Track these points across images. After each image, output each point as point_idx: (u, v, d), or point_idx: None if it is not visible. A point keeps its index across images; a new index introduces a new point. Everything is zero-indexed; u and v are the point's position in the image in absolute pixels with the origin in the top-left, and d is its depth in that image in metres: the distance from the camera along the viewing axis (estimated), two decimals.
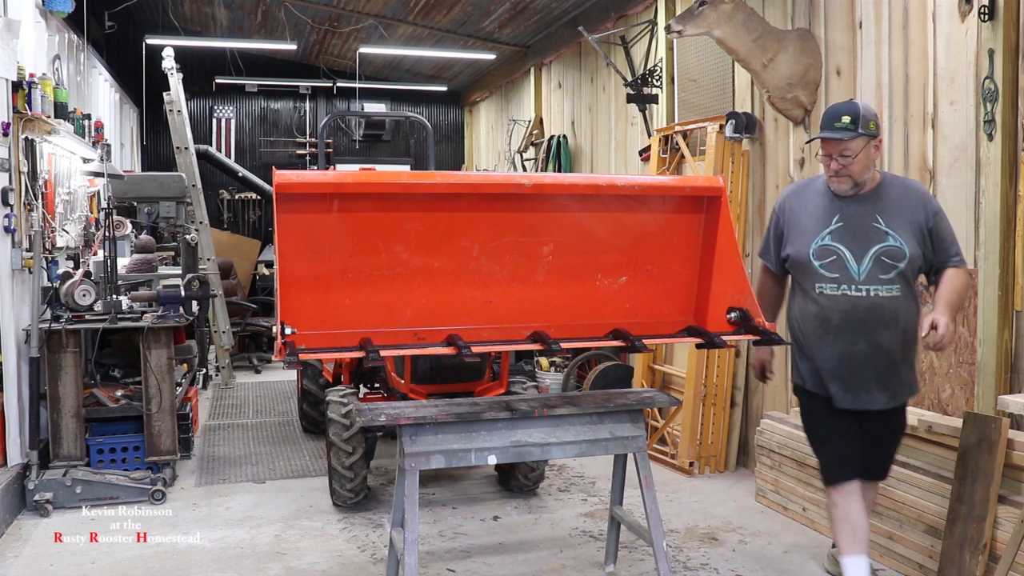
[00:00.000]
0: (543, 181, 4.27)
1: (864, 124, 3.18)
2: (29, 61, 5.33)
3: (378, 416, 3.32)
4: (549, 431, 3.51)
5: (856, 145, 3.20)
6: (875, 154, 3.26)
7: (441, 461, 3.35)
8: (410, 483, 3.29)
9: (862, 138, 3.19)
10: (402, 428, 3.31)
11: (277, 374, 9.37)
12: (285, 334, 3.25)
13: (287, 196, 3.41)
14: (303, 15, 9.59)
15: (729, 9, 4.80)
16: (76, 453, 5.13)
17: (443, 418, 3.35)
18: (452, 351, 3.48)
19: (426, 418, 3.32)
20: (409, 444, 3.30)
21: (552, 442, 3.51)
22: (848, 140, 3.19)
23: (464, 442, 3.37)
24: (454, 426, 3.37)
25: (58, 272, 5.56)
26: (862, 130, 3.18)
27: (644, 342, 3.64)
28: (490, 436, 3.40)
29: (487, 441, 3.39)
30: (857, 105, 3.25)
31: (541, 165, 9.30)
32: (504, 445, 3.42)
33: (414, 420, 3.30)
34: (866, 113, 3.21)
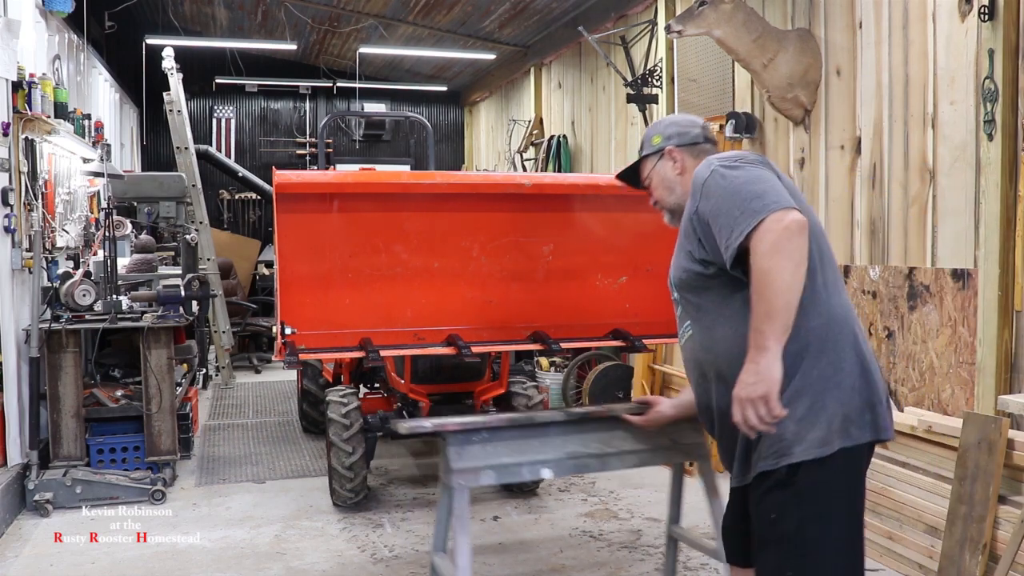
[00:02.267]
0: (543, 181, 4.28)
1: (647, 143, 2.57)
2: (29, 61, 5.33)
3: (422, 425, 2.93)
4: (606, 439, 3.06)
5: (644, 170, 2.59)
6: (673, 167, 2.50)
7: (492, 477, 2.91)
8: (459, 503, 2.83)
9: (647, 160, 2.57)
10: (447, 439, 2.87)
11: (277, 374, 9.37)
12: (285, 334, 3.26)
13: (287, 196, 3.42)
14: (303, 15, 9.59)
15: (729, 9, 4.80)
16: (76, 453, 5.13)
17: (496, 424, 2.94)
18: (452, 351, 3.49)
19: (476, 424, 2.92)
20: (456, 458, 2.84)
21: (610, 452, 3.06)
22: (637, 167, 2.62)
23: (516, 454, 2.92)
24: (505, 437, 2.93)
25: (58, 272, 5.56)
26: (644, 152, 2.58)
27: (644, 342, 3.65)
28: (543, 447, 2.96)
29: (540, 452, 2.95)
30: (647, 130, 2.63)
31: (541, 165, 9.29)
32: (559, 457, 2.97)
33: (462, 427, 2.89)
34: (649, 131, 2.61)
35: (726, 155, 2.33)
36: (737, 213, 2.11)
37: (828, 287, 2.20)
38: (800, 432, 2.10)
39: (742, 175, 2.18)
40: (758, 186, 2.13)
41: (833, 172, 4.88)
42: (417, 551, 4.32)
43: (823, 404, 2.12)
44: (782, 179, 2.23)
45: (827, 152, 4.91)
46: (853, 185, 4.71)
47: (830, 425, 2.11)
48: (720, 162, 2.26)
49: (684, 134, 2.52)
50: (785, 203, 2.08)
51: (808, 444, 2.10)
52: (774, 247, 2.02)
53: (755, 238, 2.05)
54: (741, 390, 2.05)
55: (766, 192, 2.11)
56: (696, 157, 2.48)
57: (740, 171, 2.19)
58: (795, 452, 2.10)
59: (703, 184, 2.26)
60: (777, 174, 2.24)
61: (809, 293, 2.11)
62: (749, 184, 2.14)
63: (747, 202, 2.10)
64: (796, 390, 2.11)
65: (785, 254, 2.01)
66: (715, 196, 2.19)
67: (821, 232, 2.28)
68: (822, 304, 2.17)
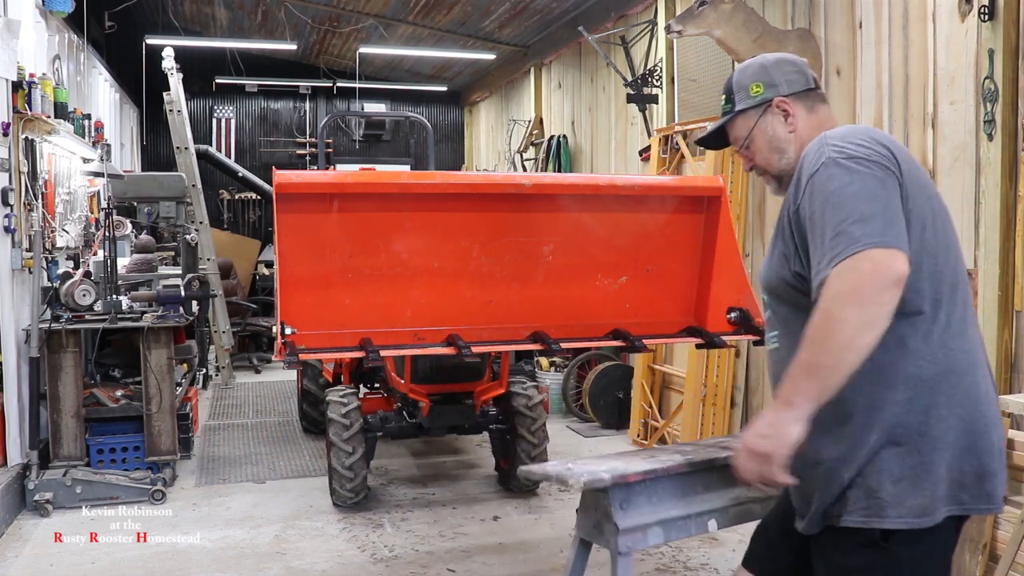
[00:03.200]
0: (543, 181, 4.28)
1: (741, 93, 2.09)
2: (29, 61, 5.33)
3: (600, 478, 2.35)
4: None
5: (740, 129, 2.11)
6: (786, 123, 2.05)
7: (659, 536, 2.47)
8: (625, 570, 2.39)
9: (744, 115, 2.09)
10: (609, 492, 2.37)
11: (277, 374, 9.36)
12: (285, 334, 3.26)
13: (287, 196, 3.42)
14: (303, 15, 9.58)
15: (729, 9, 4.80)
16: (76, 453, 5.12)
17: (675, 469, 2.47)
18: (452, 351, 3.48)
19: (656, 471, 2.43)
20: (621, 516, 2.36)
21: (774, 495, 2.49)
22: (727, 126, 2.14)
23: (684, 506, 2.50)
24: (669, 485, 2.50)
25: (58, 272, 5.56)
26: (740, 105, 2.09)
27: (644, 342, 3.65)
28: (708, 495, 2.56)
29: (706, 502, 2.55)
30: (731, 75, 2.15)
31: (541, 165, 9.29)
32: (725, 505, 2.58)
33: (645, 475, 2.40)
34: (740, 77, 2.11)
35: (846, 137, 1.84)
36: (831, 234, 1.72)
37: (952, 327, 1.81)
38: (899, 495, 1.77)
39: (855, 183, 1.75)
40: (868, 206, 1.72)
41: None
42: (417, 551, 4.32)
43: (929, 466, 1.77)
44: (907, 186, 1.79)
45: None
46: None
47: (935, 491, 1.77)
48: (837, 151, 1.80)
49: (793, 80, 2.04)
50: (891, 240, 1.68)
51: (906, 511, 1.77)
52: (850, 294, 1.66)
53: (835, 272, 1.68)
54: (749, 438, 1.79)
55: (874, 216, 1.70)
56: (810, 110, 2.04)
57: (855, 175, 1.76)
58: (889, 516, 1.77)
59: (811, 176, 1.81)
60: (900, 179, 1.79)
61: (923, 334, 1.79)
62: (859, 199, 1.73)
63: (847, 222, 1.70)
64: (899, 446, 1.78)
65: (860, 306, 1.65)
66: (819, 198, 1.78)
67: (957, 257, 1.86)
68: (937, 349, 1.80)
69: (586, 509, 2.45)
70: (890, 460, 1.78)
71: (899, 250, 1.68)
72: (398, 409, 5.21)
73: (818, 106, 2.06)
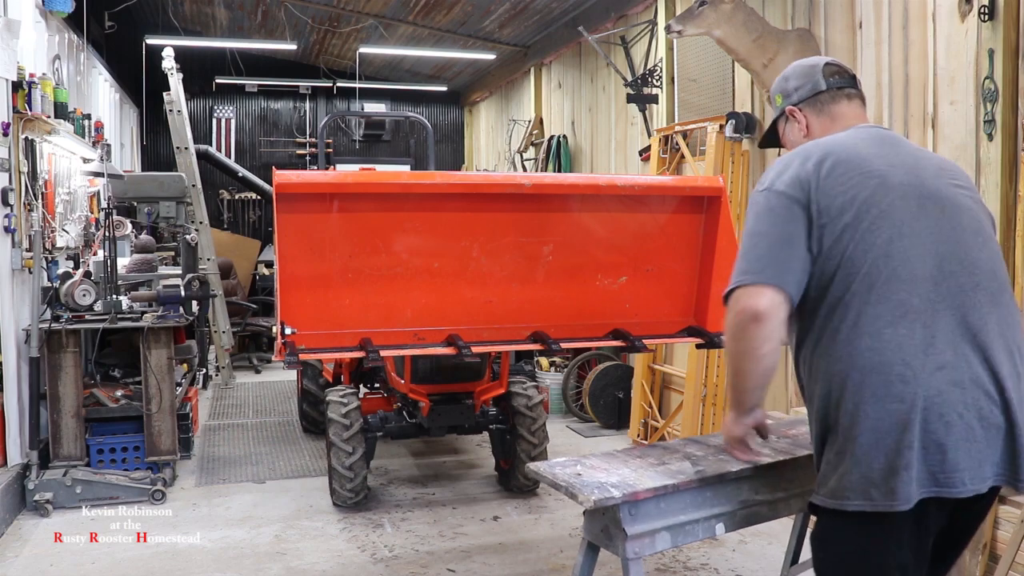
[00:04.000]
0: (543, 181, 4.28)
1: (773, 103, 2.41)
2: (29, 61, 5.33)
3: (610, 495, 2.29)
4: (774, 482, 2.60)
5: (779, 132, 2.42)
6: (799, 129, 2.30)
7: (667, 541, 2.46)
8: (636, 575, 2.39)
9: (777, 122, 2.41)
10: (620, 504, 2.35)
11: (277, 374, 9.36)
12: (285, 334, 3.26)
13: (287, 196, 3.42)
14: (303, 15, 9.59)
15: (729, 9, 4.80)
16: (76, 453, 5.13)
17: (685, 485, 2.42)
18: (452, 351, 3.48)
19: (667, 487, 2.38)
20: (629, 522, 2.36)
21: (780, 496, 2.61)
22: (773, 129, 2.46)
23: (692, 510, 2.47)
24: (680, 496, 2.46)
25: (58, 272, 5.56)
26: (774, 114, 2.41)
27: (644, 342, 3.65)
28: (717, 498, 2.51)
29: (715, 506, 2.51)
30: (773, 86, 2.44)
31: (541, 165, 9.29)
32: (732, 509, 2.54)
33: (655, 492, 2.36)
34: (773, 89, 2.41)
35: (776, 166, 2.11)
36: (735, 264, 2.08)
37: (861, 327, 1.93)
38: (825, 475, 2.01)
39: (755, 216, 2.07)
40: (750, 243, 2.05)
41: None
42: (417, 551, 4.32)
43: (843, 456, 1.95)
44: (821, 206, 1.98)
45: None
46: None
47: (842, 479, 1.94)
48: (761, 183, 2.11)
49: (802, 87, 2.27)
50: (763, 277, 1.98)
51: (826, 490, 1.99)
52: (730, 334, 2.06)
53: (727, 306, 2.05)
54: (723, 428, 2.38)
55: (751, 252, 2.03)
56: (820, 113, 2.25)
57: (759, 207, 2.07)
58: (819, 492, 2.02)
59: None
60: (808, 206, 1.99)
61: (829, 334, 1.97)
62: (749, 235, 2.07)
63: (741, 256, 2.07)
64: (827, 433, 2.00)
65: (733, 342, 2.05)
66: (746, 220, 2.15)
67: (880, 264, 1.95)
68: (843, 347, 1.94)
69: (593, 514, 2.43)
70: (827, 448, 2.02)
71: (766, 286, 1.97)
72: (398, 409, 5.21)
73: (829, 107, 2.24)
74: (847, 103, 2.23)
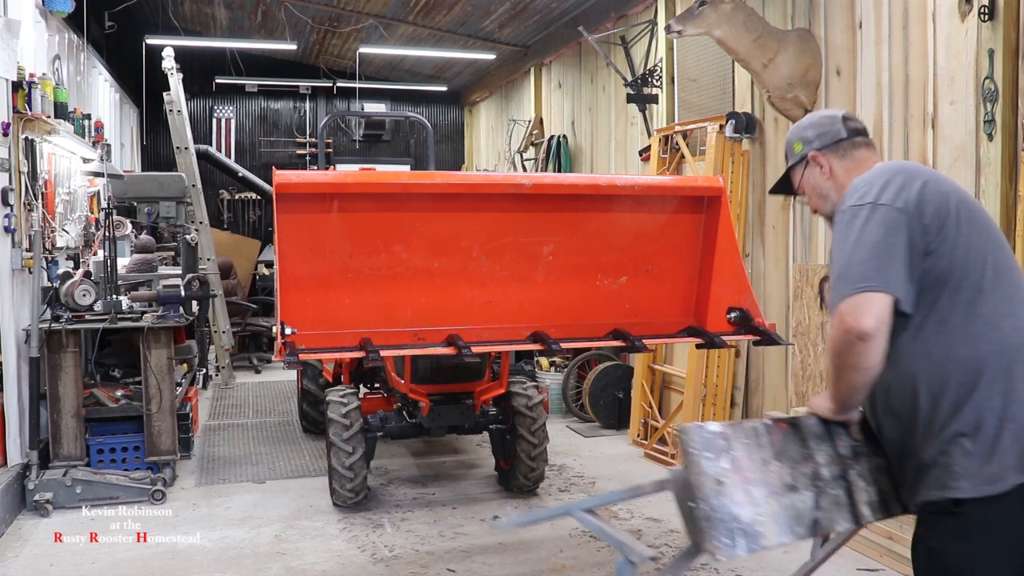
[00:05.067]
0: (543, 181, 4.28)
1: (790, 152, 2.50)
2: (29, 61, 5.33)
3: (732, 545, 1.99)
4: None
5: (794, 180, 2.51)
6: (820, 173, 2.39)
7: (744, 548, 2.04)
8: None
9: (794, 170, 2.49)
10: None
11: (277, 374, 9.37)
12: (285, 334, 3.26)
13: (287, 196, 3.42)
14: (303, 15, 9.58)
15: (729, 9, 4.80)
16: (76, 453, 5.12)
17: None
18: (452, 351, 3.48)
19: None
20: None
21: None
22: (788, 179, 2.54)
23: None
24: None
25: (58, 272, 5.56)
26: (790, 162, 2.50)
27: (644, 342, 3.64)
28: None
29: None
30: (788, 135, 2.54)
31: (541, 165, 9.29)
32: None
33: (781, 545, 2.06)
34: (790, 137, 2.50)
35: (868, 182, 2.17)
36: (836, 275, 2.11)
37: (998, 311, 2.06)
38: (969, 466, 2.00)
39: (859, 229, 2.10)
40: (862, 252, 2.06)
41: None
42: (417, 551, 4.32)
43: (996, 438, 1.99)
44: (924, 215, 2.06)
45: None
46: None
47: (1004, 461, 1.98)
48: (856, 199, 2.16)
49: (824, 134, 2.40)
50: (873, 283, 2.01)
51: (977, 480, 1.98)
52: (835, 348, 2.08)
53: (833, 318, 2.09)
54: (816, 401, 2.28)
55: (867, 260, 2.04)
56: (843, 157, 2.37)
57: (861, 220, 2.10)
58: (962, 487, 2.00)
59: (834, 224, 2.22)
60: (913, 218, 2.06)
61: (970, 320, 2.05)
62: (857, 245, 2.08)
63: (846, 266, 2.08)
64: (966, 422, 2.02)
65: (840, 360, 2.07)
66: (835, 243, 2.17)
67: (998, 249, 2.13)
68: (986, 331, 2.05)
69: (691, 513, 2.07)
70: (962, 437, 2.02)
71: (880, 292, 2.01)
72: (398, 409, 5.21)
73: (851, 152, 2.37)
74: (865, 150, 2.38)
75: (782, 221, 5.38)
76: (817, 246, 5.03)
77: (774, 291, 5.47)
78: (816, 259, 5.02)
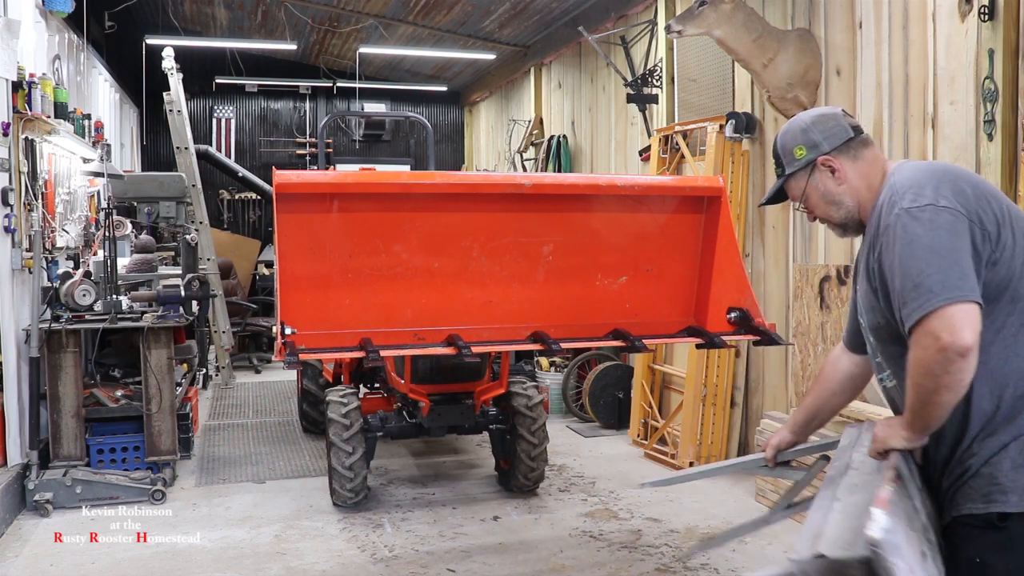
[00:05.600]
0: (543, 181, 4.28)
1: (788, 158, 2.27)
2: (29, 61, 5.33)
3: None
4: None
5: (794, 189, 2.29)
6: (831, 178, 2.21)
7: None
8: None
9: (795, 177, 2.27)
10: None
11: (277, 374, 9.37)
12: (285, 334, 3.26)
13: (287, 196, 3.42)
14: (303, 15, 9.58)
15: (729, 9, 4.80)
16: (76, 453, 5.12)
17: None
18: (452, 351, 3.48)
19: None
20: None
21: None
22: (783, 189, 2.34)
23: None
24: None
25: (58, 272, 5.56)
26: (788, 169, 2.27)
27: (644, 342, 3.64)
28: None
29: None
30: (776, 140, 2.33)
31: (541, 165, 9.29)
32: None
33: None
34: (784, 142, 2.28)
35: (916, 185, 2.00)
36: (911, 285, 1.91)
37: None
38: (1018, 479, 1.92)
39: (926, 233, 1.93)
40: (938, 260, 1.89)
41: None
42: (417, 551, 4.32)
43: None
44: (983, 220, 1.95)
45: None
46: None
47: None
48: (910, 200, 1.98)
49: (831, 136, 2.20)
50: (961, 292, 1.86)
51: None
52: (934, 367, 1.88)
53: (917, 333, 1.90)
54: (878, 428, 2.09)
55: (946, 269, 1.88)
56: (855, 159, 2.19)
57: (925, 224, 1.93)
58: (1010, 500, 1.91)
59: (884, 229, 2.01)
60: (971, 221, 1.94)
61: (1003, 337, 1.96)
62: (930, 251, 1.91)
63: (923, 275, 1.89)
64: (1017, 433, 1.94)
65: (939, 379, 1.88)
66: (896, 249, 1.96)
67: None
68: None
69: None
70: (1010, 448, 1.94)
71: (970, 303, 1.85)
72: (398, 409, 5.21)
73: (862, 152, 2.20)
74: (872, 149, 2.22)
75: (782, 221, 5.38)
76: (817, 246, 5.03)
77: (774, 291, 5.47)
78: (816, 259, 5.02)
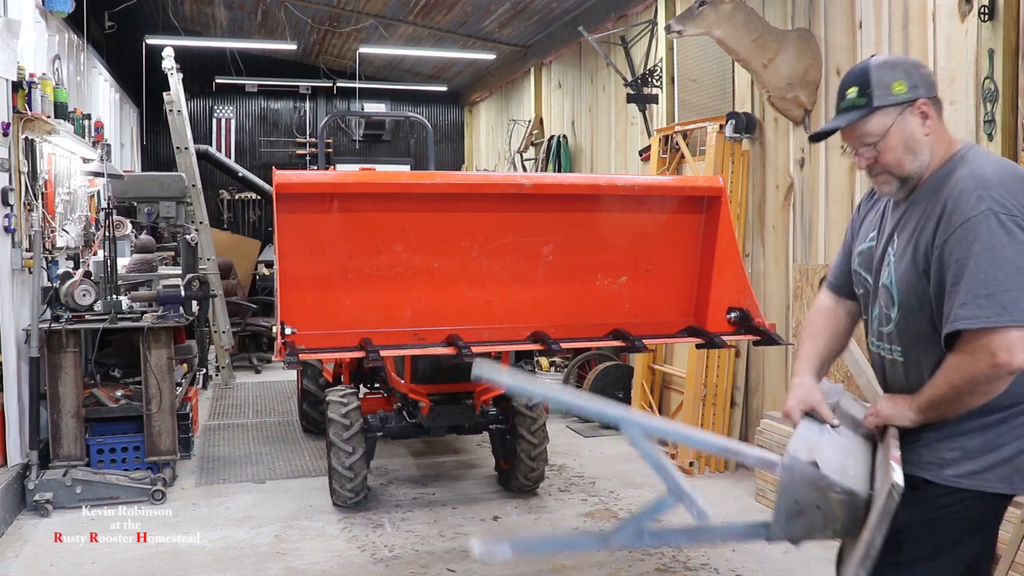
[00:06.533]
0: (543, 181, 4.28)
1: (881, 90, 2.05)
2: (29, 61, 5.33)
3: None
4: None
5: (876, 125, 2.06)
6: (920, 125, 2.06)
7: None
8: None
9: (883, 112, 2.05)
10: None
11: (277, 374, 9.36)
12: (285, 334, 3.26)
13: (287, 196, 3.42)
14: (303, 15, 9.59)
15: (729, 9, 4.80)
16: (76, 453, 5.12)
17: None
18: (452, 351, 3.48)
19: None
20: None
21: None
22: (859, 121, 2.08)
23: None
24: None
25: (58, 272, 5.56)
26: (879, 101, 2.05)
27: (644, 342, 3.65)
28: None
29: None
30: (867, 66, 2.11)
31: (541, 165, 9.30)
32: None
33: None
34: (880, 73, 2.07)
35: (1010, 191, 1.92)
36: (982, 292, 1.86)
37: None
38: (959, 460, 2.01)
39: (1011, 245, 1.86)
40: (1019, 278, 1.85)
41: (833, 172, 4.88)
42: (417, 551, 4.32)
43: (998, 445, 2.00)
44: None
45: (827, 152, 4.91)
46: (853, 185, 4.71)
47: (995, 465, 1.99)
48: (999, 204, 1.89)
49: (930, 84, 2.08)
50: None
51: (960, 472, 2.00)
52: (973, 379, 1.91)
53: (972, 343, 1.89)
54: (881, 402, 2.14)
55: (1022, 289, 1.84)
56: (939, 116, 2.10)
57: (1015, 236, 1.87)
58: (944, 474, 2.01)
59: (967, 221, 1.90)
60: None
61: None
62: (1012, 266, 1.85)
63: (1000, 288, 1.85)
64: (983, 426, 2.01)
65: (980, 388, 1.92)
66: (973, 249, 1.88)
67: None
68: None
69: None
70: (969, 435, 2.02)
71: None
72: (398, 409, 5.21)
73: (941, 113, 2.13)
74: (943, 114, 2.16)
75: (782, 221, 5.38)
76: (817, 246, 5.03)
77: (774, 291, 5.47)
78: (816, 259, 5.02)
